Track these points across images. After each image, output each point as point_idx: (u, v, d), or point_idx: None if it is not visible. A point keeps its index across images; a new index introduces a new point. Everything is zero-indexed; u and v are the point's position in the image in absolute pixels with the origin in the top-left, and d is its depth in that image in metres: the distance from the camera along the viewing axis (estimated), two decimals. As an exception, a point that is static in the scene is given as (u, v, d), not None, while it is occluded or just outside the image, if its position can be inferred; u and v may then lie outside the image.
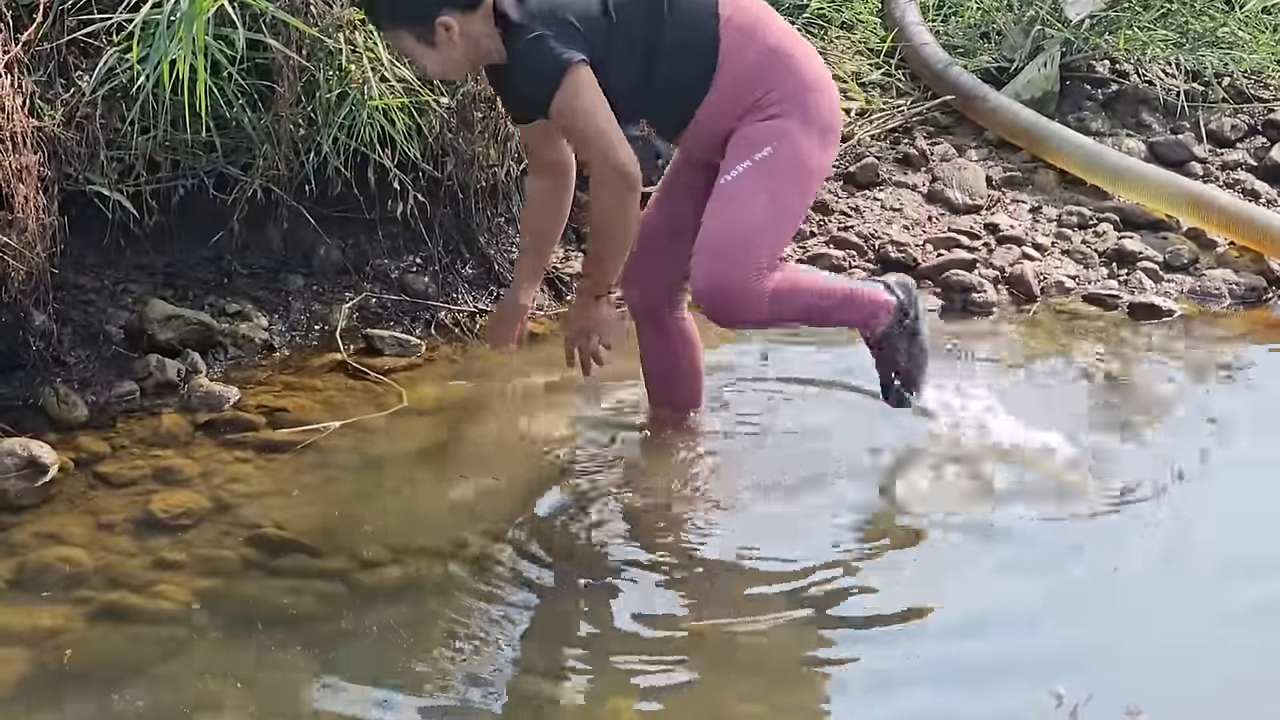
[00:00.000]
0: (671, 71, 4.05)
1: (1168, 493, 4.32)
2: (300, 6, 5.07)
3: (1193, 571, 3.96)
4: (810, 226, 6.07)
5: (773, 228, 4.09)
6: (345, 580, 3.89)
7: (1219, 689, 3.48)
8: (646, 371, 4.53)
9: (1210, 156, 6.68)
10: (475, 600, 3.80)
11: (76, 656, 3.55)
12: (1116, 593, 3.88)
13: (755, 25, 4.10)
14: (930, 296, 5.71)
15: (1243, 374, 5.25)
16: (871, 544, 4.10)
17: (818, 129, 4.11)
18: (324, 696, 3.46)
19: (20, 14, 4.78)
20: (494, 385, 4.94)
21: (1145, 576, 3.97)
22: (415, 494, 4.32)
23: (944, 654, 3.60)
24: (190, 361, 4.86)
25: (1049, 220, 6.24)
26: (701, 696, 3.47)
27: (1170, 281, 5.87)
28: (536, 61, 3.92)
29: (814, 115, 4.11)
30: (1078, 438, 4.53)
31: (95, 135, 4.84)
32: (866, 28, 7.26)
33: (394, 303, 5.30)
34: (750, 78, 4.07)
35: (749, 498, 4.31)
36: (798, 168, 4.09)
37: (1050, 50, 6.90)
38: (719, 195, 4.06)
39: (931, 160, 6.50)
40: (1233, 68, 7.06)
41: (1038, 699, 3.35)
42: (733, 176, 4.06)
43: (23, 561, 3.93)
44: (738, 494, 4.33)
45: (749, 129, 4.08)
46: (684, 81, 4.07)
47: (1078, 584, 3.91)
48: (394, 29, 4.03)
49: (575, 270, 5.55)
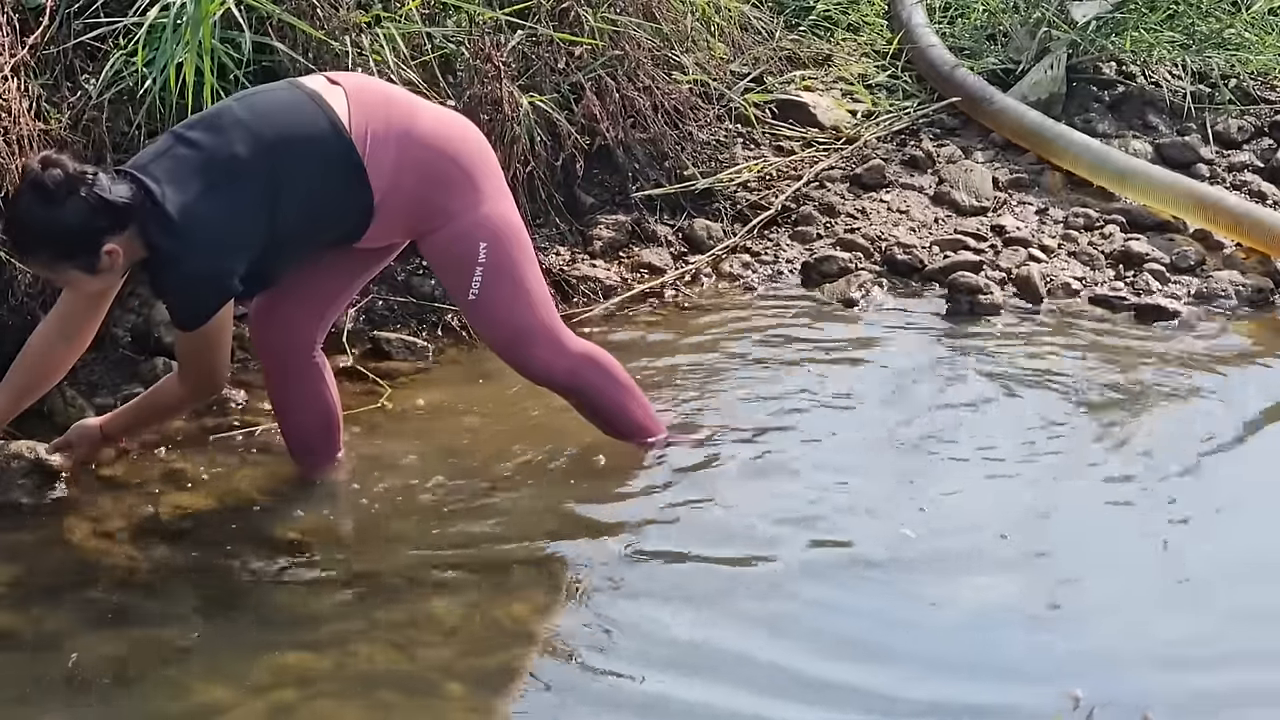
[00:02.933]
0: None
1: (1169, 493, 4.32)
2: (307, 10, 5.07)
3: (1203, 573, 3.95)
4: (817, 228, 6.07)
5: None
6: (351, 583, 3.89)
7: (1232, 693, 3.47)
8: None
9: (1217, 158, 6.67)
10: (477, 601, 3.80)
11: (82, 660, 3.56)
12: (1126, 595, 3.87)
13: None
14: (937, 298, 5.72)
15: (1245, 375, 5.24)
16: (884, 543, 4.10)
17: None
18: (327, 698, 3.46)
19: (27, 18, 4.79)
20: (496, 386, 4.94)
21: (1154, 578, 3.96)
22: (418, 495, 4.32)
23: (958, 654, 3.60)
24: (196, 364, 4.86)
25: (1055, 222, 6.23)
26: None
27: (1177, 283, 5.86)
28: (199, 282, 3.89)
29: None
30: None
31: (101, 138, 4.85)
32: (873, 30, 7.26)
33: (400, 305, 5.30)
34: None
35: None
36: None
37: (1057, 52, 6.89)
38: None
39: (938, 162, 6.49)
40: (1239, 69, 7.05)
41: (1054, 701, 3.35)
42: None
43: (28, 564, 3.94)
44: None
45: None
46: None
47: (1086, 585, 3.91)
48: (55, 265, 3.88)
49: (581, 273, 5.56)
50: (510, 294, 4.16)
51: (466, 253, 4.10)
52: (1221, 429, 4.77)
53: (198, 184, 3.83)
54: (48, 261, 3.90)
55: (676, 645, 3.65)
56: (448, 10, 5.50)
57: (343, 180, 3.95)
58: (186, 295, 3.90)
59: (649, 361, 5.08)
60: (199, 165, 3.85)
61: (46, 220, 3.78)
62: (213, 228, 3.83)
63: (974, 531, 4.14)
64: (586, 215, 5.91)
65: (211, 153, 3.86)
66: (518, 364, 4.30)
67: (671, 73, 6.16)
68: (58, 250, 3.84)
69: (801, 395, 4.94)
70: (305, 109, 3.95)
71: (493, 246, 4.12)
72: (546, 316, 4.24)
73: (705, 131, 6.25)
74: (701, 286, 5.79)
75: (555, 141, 5.64)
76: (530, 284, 4.20)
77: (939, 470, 4.49)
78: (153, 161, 3.88)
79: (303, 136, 3.92)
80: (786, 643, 3.66)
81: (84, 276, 3.89)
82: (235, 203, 3.85)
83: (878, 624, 3.76)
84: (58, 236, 3.80)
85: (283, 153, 3.89)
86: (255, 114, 3.93)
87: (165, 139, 3.97)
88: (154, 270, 3.92)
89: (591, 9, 5.79)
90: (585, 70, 5.81)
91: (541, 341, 4.24)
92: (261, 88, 4.16)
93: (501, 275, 4.13)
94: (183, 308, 3.92)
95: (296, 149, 3.91)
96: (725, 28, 6.57)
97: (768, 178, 6.27)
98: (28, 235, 3.87)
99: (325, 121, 3.93)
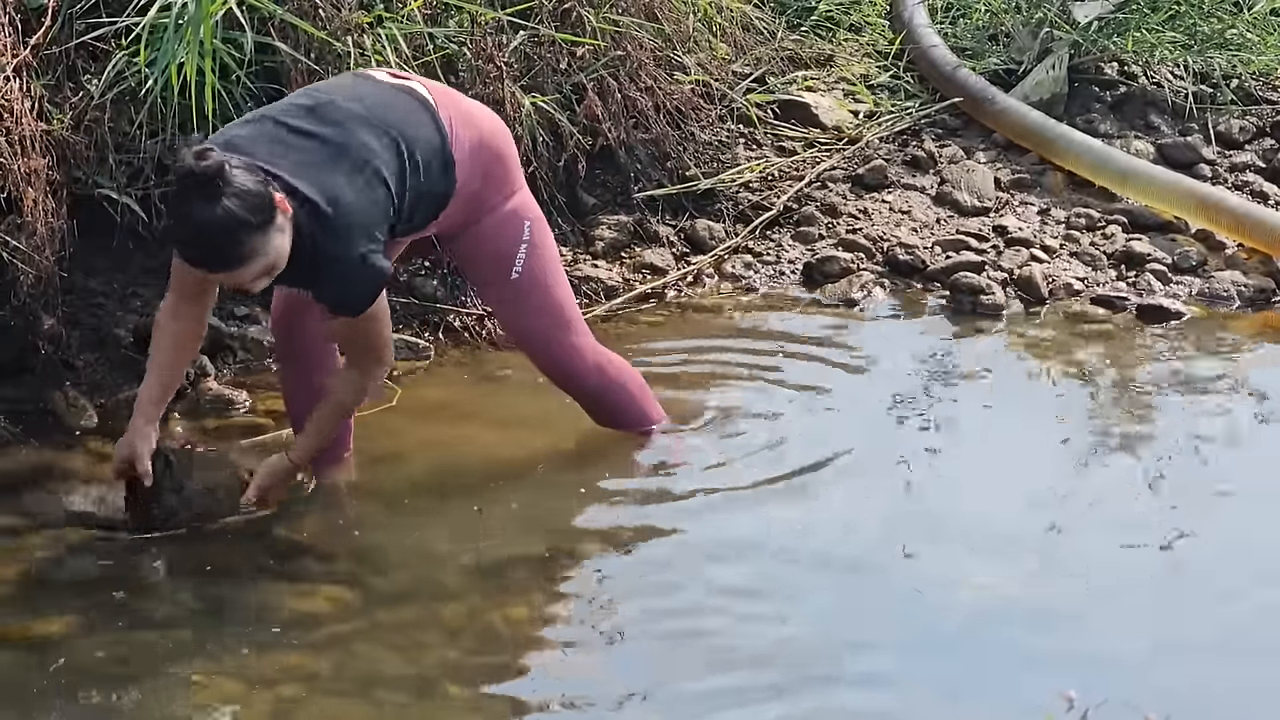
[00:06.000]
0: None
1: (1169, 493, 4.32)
2: (309, 10, 5.07)
3: (1202, 575, 3.96)
4: (819, 229, 6.07)
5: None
6: (353, 583, 3.89)
7: (1232, 694, 3.47)
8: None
9: (1219, 158, 6.66)
10: (479, 602, 3.80)
11: (82, 660, 3.56)
12: (1127, 596, 3.87)
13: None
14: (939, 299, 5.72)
15: (1246, 375, 5.24)
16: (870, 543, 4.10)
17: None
18: (328, 698, 3.46)
19: (29, 18, 4.78)
20: (497, 387, 4.94)
21: (1155, 580, 3.96)
22: (418, 495, 4.32)
23: (955, 654, 3.61)
24: (199, 365, 4.87)
25: (1057, 222, 6.23)
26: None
27: (1179, 283, 5.86)
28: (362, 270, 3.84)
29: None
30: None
31: (104, 139, 4.84)
32: (875, 30, 7.25)
33: (403, 306, 5.29)
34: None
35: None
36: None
37: (1059, 52, 6.88)
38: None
39: (940, 162, 6.49)
40: (1241, 69, 7.04)
41: (1048, 702, 3.35)
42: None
43: (29, 566, 3.94)
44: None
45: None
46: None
47: (1085, 584, 3.91)
48: (250, 243, 3.68)
49: (583, 274, 5.56)
50: (552, 273, 4.29)
51: (512, 232, 4.17)
52: (1222, 429, 4.77)
53: (337, 174, 3.79)
54: (249, 249, 3.66)
55: (676, 645, 3.66)
56: (450, 10, 5.50)
57: (441, 172, 4.00)
58: (350, 284, 3.85)
59: (650, 362, 5.07)
60: (331, 155, 3.82)
61: (234, 208, 3.61)
62: (364, 216, 3.82)
63: (973, 531, 4.13)
64: (588, 216, 5.91)
65: (340, 143, 3.83)
66: (551, 352, 4.33)
67: (673, 73, 6.16)
68: (252, 228, 3.64)
69: (802, 396, 4.94)
70: (409, 102, 4.01)
71: (535, 226, 4.24)
72: (576, 309, 4.39)
73: (707, 132, 6.25)
74: (703, 287, 5.79)
75: (557, 142, 5.64)
76: (562, 272, 4.36)
77: (939, 471, 4.49)
78: (267, 150, 3.78)
79: (417, 128, 3.96)
80: (786, 641, 3.66)
81: (275, 243, 3.69)
82: (375, 191, 3.85)
83: (876, 623, 3.76)
84: (249, 211, 3.63)
85: (409, 144, 3.92)
86: (368, 107, 3.92)
87: (262, 127, 3.85)
88: (307, 263, 3.81)
89: (593, 9, 5.79)
90: (587, 71, 5.81)
91: (578, 330, 4.36)
92: (338, 82, 4.15)
93: (543, 253, 4.25)
94: (348, 296, 3.88)
95: (419, 142, 3.95)
96: (727, 28, 6.56)
97: (770, 178, 6.27)
98: (225, 234, 3.64)
99: (429, 115, 4.00)
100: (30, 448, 4.51)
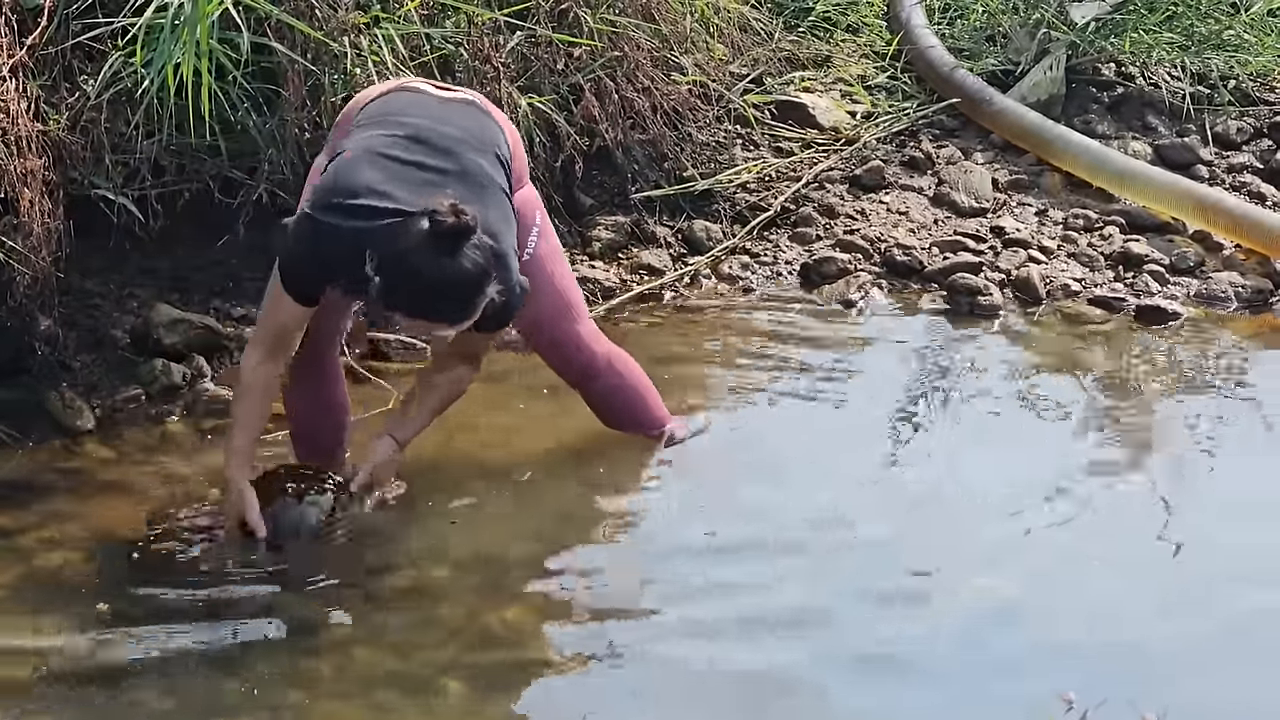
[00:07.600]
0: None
1: (1168, 493, 4.32)
2: (305, 10, 5.06)
3: (1202, 576, 3.95)
4: (816, 230, 6.06)
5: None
6: (352, 585, 3.88)
7: (1232, 694, 3.47)
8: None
9: (1216, 159, 6.67)
10: (477, 603, 3.80)
11: (82, 660, 3.55)
12: (1127, 597, 3.87)
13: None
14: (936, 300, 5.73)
15: (1245, 376, 5.24)
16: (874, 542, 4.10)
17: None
18: (328, 699, 3.46)
19: (25, 18, 4.78)
20: (495, 387, 4.93)
21: (1156, 580, 3.96)
22: (417, 496, 4.31)
23: (955, 654, 3.61)
24: (196, 366, 4.86)
25: (1055, 223, 6.23)
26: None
27: (1176, 284, 5.86)
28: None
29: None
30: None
31: (100, 139, 4.84)
32: (872, 31, 7.26)
33: (399, 307, 5.28)
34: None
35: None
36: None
37: (1056, 53, 6.89)
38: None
39: (937, 163, 6.49)
40: (1238, 70, 7.05)
41: (1047, 703, 3.35)
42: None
43: (27, 567, 3.93)
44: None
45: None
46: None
47: (1084, 585, 3.90)
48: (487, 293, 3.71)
49: (581, 275, 5.55)
50: (559, 261, 4.30)
51: (525, 217, 4.11)
52: (1222, 430, 4.78)
53: (479, 202, 3.73)
54: (478, 301, 3.67)
55: (676, 645, 3.65)
56: (446, 11, 5.50)
57: (508, 174, 4.00)
58: (510, 300, 3.80)
59: (648, 363, 5.06)
60: (467, 185, 3.78)
61: (480, 260, 3.63)
62: (510, 236, 3.83)
63: (972, 532, 4.14)
64: (585, 216, 5.91)
65: (460, 171, 3.81)
66: (558, 339, 4.32)
67: (671, 74, 6.16)
68: (493, 279, 3.67)
69: (800, 397, 4.94)
70: (477, 114, 4.04)
71: (542, 214, 4.25)
72: (583, 302, 4.41)
73: (704, 133, 6.26)
74: (700, 288, 5.79)
75: (554, 142, 5.64)
76: (567, 264, 4.41)
77: (938, 471, 4.49)
78: (408, 191, 3.71)
79: (496, 136, 4.00)
80: (785, 641, 3.66)
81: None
82: (505, 208, 3.87)
83: (875, 623, 3.76)
84: (488, 262, 3.65)
85: (502, 156, 3.95)
86: (461, 128, 3.92)
87: (388, 167, 3.76)
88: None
89: (590, 10, 5.79)
90: (584, 71, 5.80)
91: (583, 319, 4.37)
92: (409, 102, 4.01)
93: (550, 242, 4.26)
94: (507, 317, 3.89)
95: (503, 149, 3.98)
96: (724, 29, 6.57)
97: (767, 179, 6.27)
98: (475, 288, 3.65)
99: (493, 123, 4.04)
100: (26, 449, 4.50)
